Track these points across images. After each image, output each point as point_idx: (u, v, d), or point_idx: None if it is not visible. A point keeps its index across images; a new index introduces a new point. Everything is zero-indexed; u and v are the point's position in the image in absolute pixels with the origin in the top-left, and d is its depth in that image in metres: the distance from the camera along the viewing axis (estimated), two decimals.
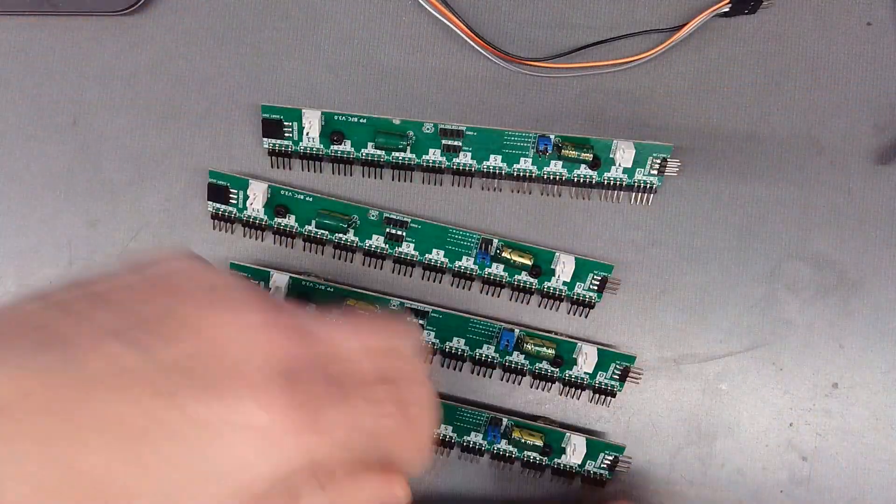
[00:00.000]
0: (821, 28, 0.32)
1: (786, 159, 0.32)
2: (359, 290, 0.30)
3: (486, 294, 0.31)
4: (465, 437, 0.31)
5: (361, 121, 0.30)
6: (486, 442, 0.31)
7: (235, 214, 0.31)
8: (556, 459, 0.31)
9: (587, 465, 0.31)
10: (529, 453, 0.31)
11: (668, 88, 0.31)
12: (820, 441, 0.32)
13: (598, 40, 0.31)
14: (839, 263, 0.32)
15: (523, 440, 0.30)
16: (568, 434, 0.31)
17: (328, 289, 0.30)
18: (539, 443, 0.31)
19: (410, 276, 0.31)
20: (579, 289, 0.31)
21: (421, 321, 0.31)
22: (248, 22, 0.32)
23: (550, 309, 0.31)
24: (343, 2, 0.31)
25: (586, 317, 0.32)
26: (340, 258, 0.31)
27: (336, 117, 0.30)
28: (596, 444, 0.31)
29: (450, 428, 0.31)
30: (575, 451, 0.31)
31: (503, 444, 0.31)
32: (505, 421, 0.31)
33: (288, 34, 0.32)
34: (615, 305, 0.32)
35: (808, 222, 0.32)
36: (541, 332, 0.31)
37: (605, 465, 0.31)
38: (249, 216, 0.31)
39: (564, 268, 0.30)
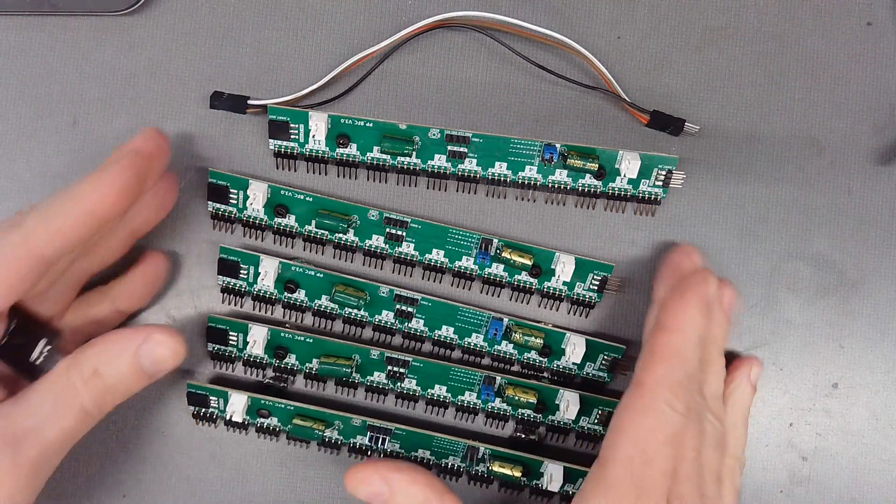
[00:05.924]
0: (821, 28, 0.32)
1: (786, 159, 0.32)
2: (345, 276, 0.30)
3: (487, 294, 0.31)
4: (458, 398, 0.31)
5: (368, 125, 0.30)
6: (480, 401, 0.31)
7: (235, 214, 0.31)
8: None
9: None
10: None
11: (668, 88, 0.31)
12: (820, 441, 0.32)
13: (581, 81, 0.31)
14: (839, 263, 0.32)
15: (517, 398, 0.30)
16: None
17: (317, 274, 0.30)
18: (533, 400, 0.31)
19: (410, 276, 0.31)
20: (579, 289, 0.31)
21: (410, 308, 0.31)
22: (248, 22, 0.32)
23: (550, 309, 0.31)
24: (344, 2, 0.31)
25: (586, 317, 0.32)
26: (340, 258, 0.31)
27: (342, 120, 0.30)
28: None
29: (444, 388, 0.31)
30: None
31: (497, 403, 0.31)
32: (499, 379, 0.31)
33: (288, 34, 0.32)
34: (615, 305, 0.32)
35: (808, 222, 0.32)
36: (529, 322, 0.31)
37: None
38: (249, 216, 0.31)
39: (564, 268, 0.30)
